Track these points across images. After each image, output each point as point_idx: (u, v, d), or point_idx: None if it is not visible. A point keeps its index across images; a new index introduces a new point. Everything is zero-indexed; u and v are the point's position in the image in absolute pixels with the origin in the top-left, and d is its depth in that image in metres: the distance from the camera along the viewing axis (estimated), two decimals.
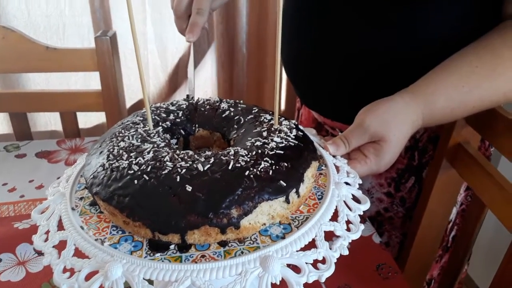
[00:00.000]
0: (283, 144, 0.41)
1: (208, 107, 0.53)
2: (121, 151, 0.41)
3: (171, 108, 0.52)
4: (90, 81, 1.28)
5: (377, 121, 0.49)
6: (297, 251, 0.35)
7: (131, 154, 0.40)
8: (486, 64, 0.51)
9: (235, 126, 0.49)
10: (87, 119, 1.33)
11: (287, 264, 0.34)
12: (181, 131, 0.51)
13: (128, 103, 1.33)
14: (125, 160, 0.40)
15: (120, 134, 0.45)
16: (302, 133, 0.45)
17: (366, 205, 0.42)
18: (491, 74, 0.51)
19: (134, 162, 0.39)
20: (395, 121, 0.50)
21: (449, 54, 0.54)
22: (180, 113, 0.52)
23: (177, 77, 1.39)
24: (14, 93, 1.01)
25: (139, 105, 1.37)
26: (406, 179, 0.71)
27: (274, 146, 0.40)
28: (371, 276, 0.56)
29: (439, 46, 0.58)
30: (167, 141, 0.46)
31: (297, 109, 0.91)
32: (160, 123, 0.49)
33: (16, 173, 0.80)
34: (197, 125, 0.52)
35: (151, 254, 0.36)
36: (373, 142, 0.50)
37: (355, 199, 0.43)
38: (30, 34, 0.97)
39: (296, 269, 0.34)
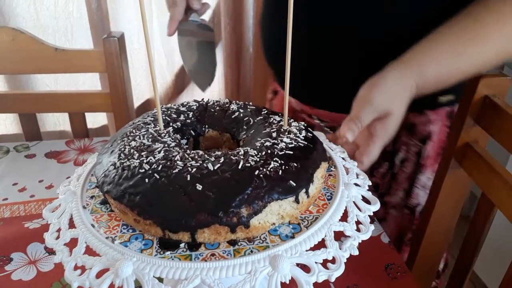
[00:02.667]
0: (293, 145, 0.41)
1: (217, 108, 0.53)
2: (132, 151, 0.42)
3: (182, 109, 0.53)
4: (98, 82, 1.29)
5: (382, 95, 0.51)
6: (306, 250, 0.35)
7: (142, 154, 0.41)
8: (470, 30, 0.54)
9: (245, 127, 0.49)
10: (95, 120, 1.34)
11: (296, 264, 0.34)
12: (191, 131, 0.52)
13: (135, 104, 1.34)
14: (136, 159, 0.40)
15: (131, 134, 0.45)
16: (311, 135, 0.45)
17: (376, 206, 0.42)
18: (475, 39, 0.54)
19: (145, 161, 0.39)
20: (397, 92, 0.52)
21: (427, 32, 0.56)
22: (190, 114, 0.52)
23: (184, 77, 1.40)
24: (23, 94, 1.02)
25: (146, 105, 1.37)
26: (379, 164, 0.72)
27: (284, 147, 0.40)
28: (380, 276, 0.56)
29: (418, 25, 0.60)
30: (177, 141, 0.46)
31: (268, 101, 0.90)
32: (171, 124, 0.49)
33: (26, 173, 0.81)
34: (207, 126, 0.53)
35: (161, 253, 0.36)
36: (378, 119, 0.52)
37: (365, 200, 0.43)
38: (39, 35, 0.98)
39: (305, 268, 0.34)
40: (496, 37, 0.54)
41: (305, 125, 0.47)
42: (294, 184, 0.37)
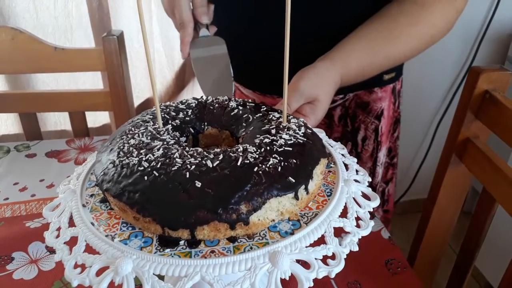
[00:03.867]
0: (292, 141, 0.41)
1: (217, 105, 0.53)
2: (131, 148, 0.42)
3: (181, 106, 0.53)
4: (98, 81, 1.28)
5: (309, 84, 0.56)
6: (306, 247, 0.35)
7: (141, 151, 0.41)
8: (386, 29, 0.62)
9: (244, 124, 0.49)
10: (95, 119, 1.34)
11: (296, 260, 0.34)
12: (190, 129, 0.52)
13: (136, 103, 1.34)
14: (135, 157, 0.40)
15: (130, 132, 0.45)
16: (310, 131, 0.45)
17: (375, 202, 0.42)
18: (390, 37, 0.62)
19: (144, 159, 0.39)
20: (323, 82, 0.58)
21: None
22: (190, 111, 0.52)
23: (184, 75, 1.40)
24: (24, 94, 1.02)
25: (146, 104, 1.37)
26: (344, 145, 0.76)
27: (283, 143, 0.40)
28: (380, 272, 0.56)
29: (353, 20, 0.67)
30: (176, 138, 0.46)
31: None
32: (170, 121, 0.49)
33: (27, 173, 0.81)
34: (206, 124, 0.53)
35: (161, 250, 0.36)
36: (309, 103, 0.57)
37: (364, 196, 0.43)
38: (39, 35, 0.98)
39: (305, 265, 0.34)
40: (408, 36, 0.62)
41: (305, 121, 0.47)
42: (293, 181, 0.37)
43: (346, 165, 0.48)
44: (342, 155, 0.50)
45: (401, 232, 0.63)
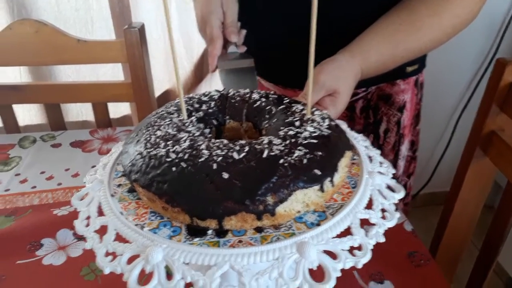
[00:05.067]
0: (317, 134, 0.41)
1: (238, 98, 0.53)
2: (158, 140, 0.42)
3: (204, 98, 0.53)
4: (119, 73, 1.30)
5: (329, 77, 0.57)
6: (332, 238, 0.36)
7: (168, 143, 0.41)
8: (406, 20, 0.61)
9: (267, 116, 0.50)
10: (116, 110, 1.36)
11: (323, 251, 0.35)
12: (213, 121, 0.52)
13: (155, 94, 1.35)
14: (163, 148, 0.41)
15: (156, 124, 0.46)
16: (334, 123, 0.45)
17: (400, 194, 0.42)
18: (410, 29, 0.61)
19: (171, 150, 0.40)
20: (343, 75, 0.58)
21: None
22: (212, 103, 0.53)
23: (203, 67, 1.40)
24: (48, 85, 1.04)
25: (165, 95, 1.39)
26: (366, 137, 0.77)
27: (308, 136, 0.40)
28: (403, 264, 0.56)
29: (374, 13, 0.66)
30: (201, 130, 0.47)
31: None
32: (193, 113, 0.50)
33: (52, 162, 0.83)
34: (228, 117, 0.53)
35: (190, 239, 0.37)
36: (329, 95, 0.57)
37: (388, 188, 0.43)
38: (61, 27, 0.99)
39: (331, 256, 0.35)
40: (429, 27, 0.61)
41: (328, 114, 0.47)
42: (319, 173, 0.38)
43: (369, 157, 0.48)
44: (365, 147, 0.50)
45: (420, 225, 0.62)
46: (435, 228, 0.86)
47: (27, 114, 1.27)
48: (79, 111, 1.34)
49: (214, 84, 1.44)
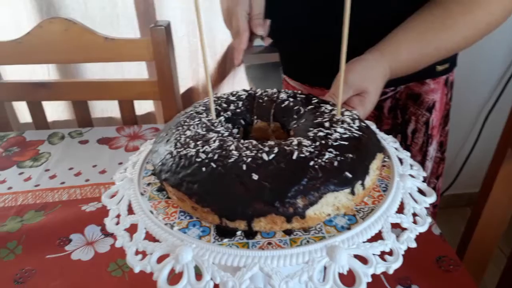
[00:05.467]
0: (347, 135, 0.40)
1: (266, 98, 0.53)
2: (187, 140, 0.43)
3: (231, 98, 0.53)
4: (143, 70, 1.32)
5: (357, 77, 0.56)
6: (363, 242, 0.35)
7: (198, 143, 0.42)
8: (438, 18, 0.60)
9: (295, 116, 0.49)
10: (140, 107, 1.38)
11: (353, 255, 0.34)
12: (241, 121, 0.52)
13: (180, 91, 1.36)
14: (193, 148, 0.41)
15: (185, 123, 0.46)
16: (365, 124, 0.44)
17: (432, 198, 0.41)
18: (442, 27, 0.60)
19: (201, 150, 0.40)
20: (371, 75, 0.57)
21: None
22: (240, 103, 0.53)
23: (225, 65, 1.41)
24: (77, 82, 1.06)
25: (189, 93, 1.40)
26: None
27: (338, 137, 0.40)
28: (431, 269, 0.55)
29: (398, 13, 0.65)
30: (230, 130, 0.47)
31: None
32: (222, 113, 0.50)
33: (80, 158, 0.85)
34: (255, 117, 0.53)
35: (219, 240, 0.37)
36: (357, 95, 0.56)
37: (420, 191, 0.43)
38: (87, 25, 1.01)
39: (361, 260, 0.34)
40: (462, 25, 0.60)
41: (358, 114, 0.46)
42: (350, 176, 0.37)
43: (400, 159, 0.47)
44: (395, 148, 0.49)
45: (443, 228, 0.61)
46: (459, 230, 0.84)
47: (55, 110, 1.30)
48: (104, 108, 1.36)
49: (236, 82, 1.44)
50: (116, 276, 0.57)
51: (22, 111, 1.29)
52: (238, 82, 1.44)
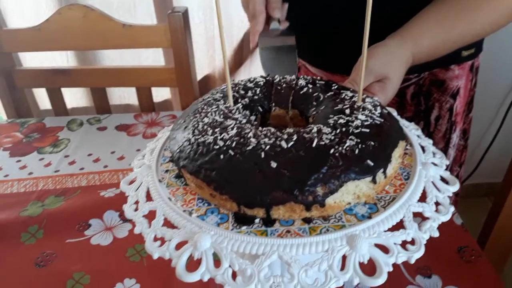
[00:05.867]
0: (369, 122, 0.40)
1: (284, 85, 0.52)
2: (205, 127, 0.42)
3: (249, 85, 0.52)
4: (160, 57, 1.31)
5: (378, 62, 0.54)
6: (384, 231, 0.34)
7: (216, 130, 0.41)
8: (462, 2, 0.58)
9: (314, 103, 0.48)
10: (157, 94, 1.38)
11: (374, 244, 0.34)
12: (259, 108, 0.51)
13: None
14: (210, 136, 0.41)
15: (203, 110, 0.46)
16: (387, 111, 0.43)
17: (455, 187, 0.40)
18: (467, 11, 0.58)
19: (219, 137, 0.40)
20: (393, 61, 0.56)
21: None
22: (258, 90, 0.52)
23: (242, 52, 1.40)
24: (95, 69, 1.07)
25: (206, 80, 1.39)
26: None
27: (359, 124, 0.39)
28: (453, 259, 0.54)
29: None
30: (247, 117, 0.46)
31: None
32: (239, 100, 0.49)
33: (99, 145, 0.86)
34: (273, 104, 0.52)
35: (238, 227, 0.37)
36: (378, 81, 0.55)
37: (443, 180, 0.42)
38: (105, 11, 1.01)
39: (383, 250, 0.34)
40: (488, 9, 0.58)
41: (379, 101, 0.45)
42: (372, 164, 0.36)
43: (422, 147, 0.46)
44: (418, 136, 0.48)
45: (463, 218, 0.59)
46: (478, 221, 0.83)
47: (74, 97, 1.31)
48: (122, 95, 1.37)
49: (253, 69, 1.43)
50: (135, 262, 0.58)
51: (42, 98, 1.31)
52: (255, 69, 1.43)
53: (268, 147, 0.38)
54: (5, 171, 0.79)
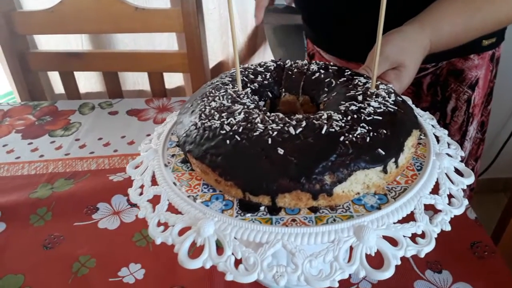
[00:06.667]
0: (382, 110, 0.38)
1: (295, 70, 0.51)
2: (212, 111, 0.41)
3: (259, 69, 0.51)
4: (174, 43, 1.30)
5: (395, 49, 0.52)
6: (394, 223, 0.33)
7: (223, 115, 0.40)
8: None
9: (326, 89, 0.47)
10: (171, 80, 1.37)
11: (382, 236, 0.33)
12: (268, 93, 0.50)
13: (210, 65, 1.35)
14: (217, 120, 0.40)
15: (211, 94, 0.45)
16: (401, 99, 0.41)
17: (470, 179, 0.39)
18: None
19: (225, 122, 0.39)
20: (410, 48, 0.54)
21: None
22: (268, 74, 0.51)
23: (256, 39, 1.38)
24: (107, 53, 1.06)
25: (219, 66, 1.38)
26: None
27: (372, 111, 0.38)
28: (465, 254, 0.52)
29: None
30: (256, 102, 0.45)
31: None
32: (248, 85, 0.48)
33: (109, 129, 0.86)
34: (283, 90, 0.51)
35: (242, 214, 0.36)
36: (393, 68, 0.53)
37: (457, 172, 0.40)
38: None
39: (391, 242, 0.32)
40: None
41: (394, 88, 0.44)
42: (383, 153, 0.35)
43: (436, 137, 0.44)
44: (432, 126, 0.46)
45: (477, 213, 0.58)
46: (494, 216, 0.80)
47: (88, 82, 1.32)
48: (136, 80, 1.37)
49: (267, 56, 1.41)
50: (141, 246, 0.57)
51: (56, 81, 1.31)
52: (269, 57, 1.41)
53: (275, 133, 0.36)
54: (17, 153, 0.80)
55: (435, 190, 0.37)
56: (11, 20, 1.01)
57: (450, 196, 0.37)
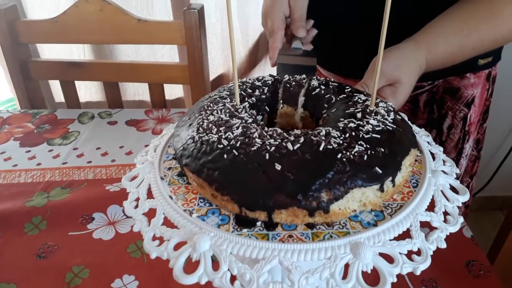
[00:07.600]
0: (380, 128, 0.38)
1: (294, 83, 0.51)
2: (210, 125, 0.41)
3: (257, 83, 0.51)
4: (175, 55, 1.31)
5: (391, 66, 0.53)
6: (390, 240, 0.33)
7: (221, 129, 0.40)
8: (482, 7, 0.56)
9: (326, 105, 0.47)
10: (171, 92, 1.38)
11: (378, 253, 0.32)
12: (266, 107, 0.50)
13: (210, 77, 1.35)
14: (215, 134, 0.40)
15: (209, 108, 0.45)
16: (400, 117, 0.42)
17: (465, 196, 0.39)
18: (487, 16, 0.56)
19: (223, 136, 0.39)
20: (406, 65, 0.54)
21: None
22: (266, 89, 0.51)
23: (257, 53, 1.39)
24: (108, 63, 1.07)
25: (219, 79, 1.39)
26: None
27: (370, 129, 0.38)
28: (460, 273, 0.52)
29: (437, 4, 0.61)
30: (254, 117, 0.45)
31: None
32: (246, 99, 0.48)
33: (108, 139, 0.86)
34: (281, 101, 0.51)
35: (238, 229, 0.36)
36: (389, 85, 0.54)
37: (452, 189, 0.40)
38: (123, 7, 1.01)
39: (387, 259, 0.32)
40: (509, 15, 0.55)
41: (393, 106, 0.44)
42: (380, 172, 0.35)
43: (432, 154, 0.44)
44: (428, 143, 0.47)
45: (473, 231, 0.57)
46: (488, 234, 0.80)
47: (88, 91, 1.32)
48: (136, 91, 1.37)
49: (267, 70, 1.42)
50: (135, 258, 0.57)
51: (57, 90, 1.32)
52: (270, 71, 1.42)
53: (273, 148, 0.37)
54: (14, 160, 0.80)
55: (431, 207, 0.37)
56: (15, 29, 1.01)
57: (445, 213, 0.37)
